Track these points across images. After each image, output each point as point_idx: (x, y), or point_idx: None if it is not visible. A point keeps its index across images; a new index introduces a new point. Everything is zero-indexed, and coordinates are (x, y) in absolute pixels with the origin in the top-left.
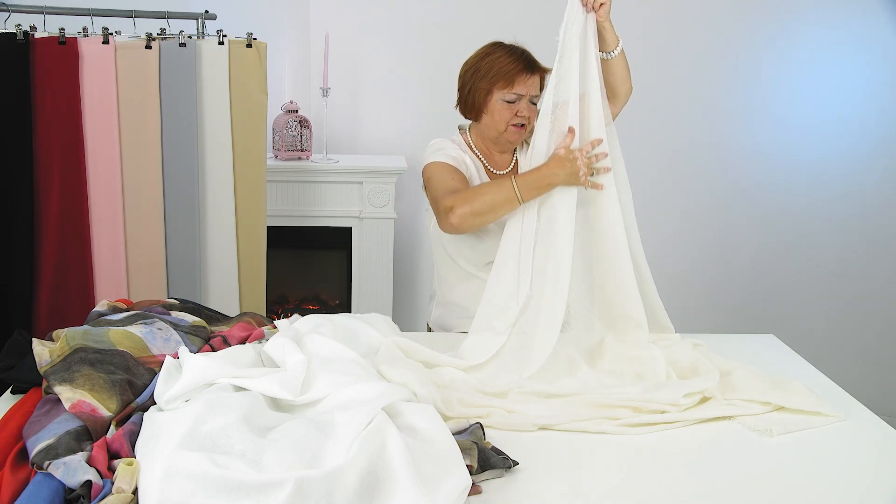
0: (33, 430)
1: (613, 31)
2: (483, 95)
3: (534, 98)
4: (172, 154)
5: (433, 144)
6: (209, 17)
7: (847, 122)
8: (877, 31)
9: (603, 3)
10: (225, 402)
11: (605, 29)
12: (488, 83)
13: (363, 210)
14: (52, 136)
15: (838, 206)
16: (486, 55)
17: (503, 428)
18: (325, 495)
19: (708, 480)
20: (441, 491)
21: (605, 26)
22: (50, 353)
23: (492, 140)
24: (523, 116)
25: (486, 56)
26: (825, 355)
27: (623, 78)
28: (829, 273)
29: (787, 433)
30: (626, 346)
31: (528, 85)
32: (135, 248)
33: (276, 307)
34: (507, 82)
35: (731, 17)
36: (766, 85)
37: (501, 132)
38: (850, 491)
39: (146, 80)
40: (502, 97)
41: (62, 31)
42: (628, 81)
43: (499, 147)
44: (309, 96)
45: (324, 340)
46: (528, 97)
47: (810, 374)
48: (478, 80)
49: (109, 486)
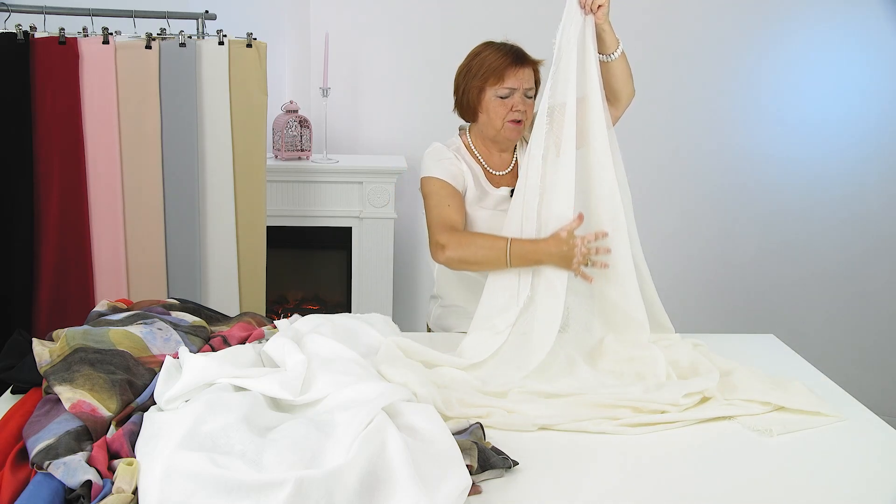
0: (33, 430)
1: (613, 33)
2: (476, 94)
3: (528, 92)
4: (172, 154)
5: (431, 152)
6: (209, 17)
7: (847, 122)
8: (877, 31)
9: (601, 4)
10: (225, 402)
11: (605, 31)
12: (480, 81)
13: (363, 210)
14: (52, 136)
15: (838, 206)
16: (476, 55)
17: (503, 428)
18: (325, 495)
19: (708, 480)
20: (441, 491)
21: (604, 28)
22: (50, 353)
23: (491, 139)
24: (519, 111)
25: (476, 56)
26: (825, 355)
27: (624, 80)
28: (829, 273)
29: (787, 433)
30: (626, 346)
31: (520, 78)
32: (135, 248)
33: (276, 307)
34: (497, 78)
35: (732, 17)
36: (766, 85)
37: (499, 129)
38: (850, 491)
39: (146, 80)
40: (495, 93)
41: (62, 31)
42: (630, 84)
43: (498, 146)
44: (309, 96)
45: (324, 340)
46: (521, 91)
47: (810, 374)
48: (470, 80)
49: (109, 486)
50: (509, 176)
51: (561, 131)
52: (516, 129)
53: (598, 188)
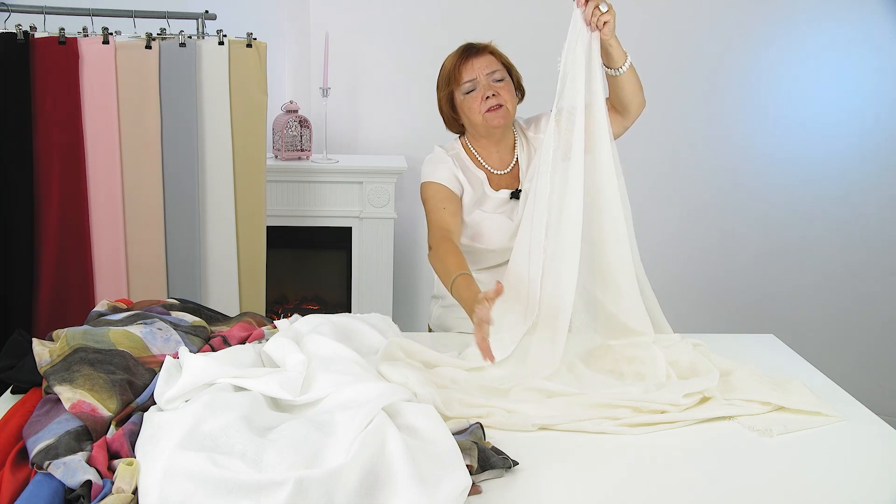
0: (33, 430)
1: (620, 47)
2: (447, 103)
3: (493, 75)
4: (172, 154)
5: (430, 158)
6: (209, 17)
7: (847, 122)
8: (877, 31)
9: (606, 21)
10: (225, 402)
11: (612, 46)
12: (446, 88)
13: (363, 210)
14: (51, 137)
15: (838, 207)
16: (439, 70)
17: (503, 428)
18: (325, 495)
19: (708, 480)
20: (441, 491)
21: (610, 44)
22: (50, 353)
23: (484, 136)
24: (491, 97)
25: (439, 71)
26: (825, 355)
27: (633, 92)
28: (829, 273)
29: (787, 433)
30: (626, 346)
31: (475, 68)
32: (135, 248)
33: (276, 307)
34: (455, 77)
35: (732, 17)
36: (766, 85)
37: (481, 123)
38: (850, 491)
39: (146, 80)
40: (461, 93)
41: (62, 31)
42: (639, 95)
43: (493, 140)
44: (309, 96)
45: (324, 340)
46: (483, 77)
47: (810, 374)
48: (439, 93)
49: (109, 486)
50: (509, 176)
51: (571, 135)
52: (498, 115)
53: (598, 199)
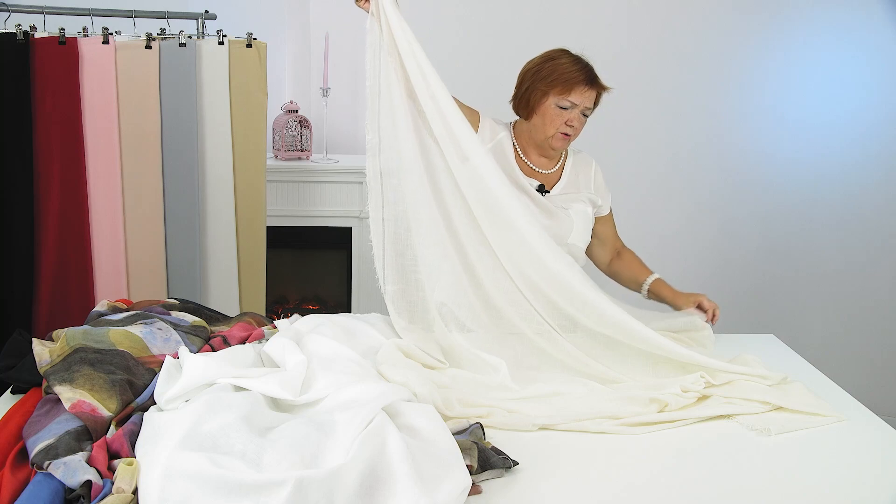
0: (33, 430)
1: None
2: (539, 97)
3: (586, 111)
4: (172, 154)
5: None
6: (209, 17)
7: (847, 122)
8: (877, 31)
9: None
10: (225, 402)
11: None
12: (546, 86)
13: (363, 210)
14: (51, 136)
15: (838, 206)
16: (550, 59)
17: (503, 428)
18: (325, 495)
19: (708, 480)
20: (441, 491)
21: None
22: (50, 353)
23: (536, 143)
24: (572, 126)
25: (549, 60)
26: (825, 355)
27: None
28: (829, 273)
29: (785, 433)
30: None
31: (585, 97)
32: (135, 248)
33: (276, 307)
34: (565, 89)
35: (732, 16)
36: (766, 85)
37: (548, 137)
38: (850, 491)
39: (146, 80)
40: (557, 102)
41: (62, 31)
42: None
43: (540, 151)
44: (309, 96)
45: (324, 340)
46: (580, 108)
47: (810, 374)
48: (537, 81)
49: (109, 486)
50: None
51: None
52: (564, 141)
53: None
